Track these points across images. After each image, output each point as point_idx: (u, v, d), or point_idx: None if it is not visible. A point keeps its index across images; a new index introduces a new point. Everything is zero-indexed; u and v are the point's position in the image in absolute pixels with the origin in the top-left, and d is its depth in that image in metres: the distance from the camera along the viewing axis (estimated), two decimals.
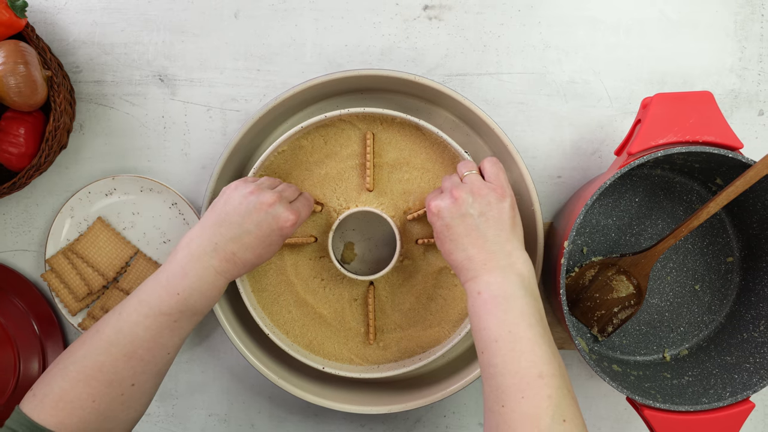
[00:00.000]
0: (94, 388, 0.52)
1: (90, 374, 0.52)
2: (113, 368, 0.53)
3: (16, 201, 0.75)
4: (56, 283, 0.73)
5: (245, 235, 0.57)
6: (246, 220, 0.57)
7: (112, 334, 0.54)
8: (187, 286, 0.55)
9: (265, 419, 0.75)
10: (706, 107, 0.59)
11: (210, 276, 0.56)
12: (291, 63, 0.74)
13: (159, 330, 0.55)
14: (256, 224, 0.57)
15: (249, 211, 0.57)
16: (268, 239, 0.58)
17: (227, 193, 0.59)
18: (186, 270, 0.56)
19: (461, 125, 0.71)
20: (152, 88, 0.74)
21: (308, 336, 0.70)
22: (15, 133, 0.67)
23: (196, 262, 0.56)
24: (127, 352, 0.54)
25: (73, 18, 0.74)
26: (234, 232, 0.57)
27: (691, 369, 0.67)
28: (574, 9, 0.74)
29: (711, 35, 0.74)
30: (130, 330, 0.54)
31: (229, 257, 0.57)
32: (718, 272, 0.70)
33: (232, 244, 0.57)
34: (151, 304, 0.55)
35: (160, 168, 0.75)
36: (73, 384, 0.52)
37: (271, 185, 0.61)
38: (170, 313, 0.55)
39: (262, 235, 0.57)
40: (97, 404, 0.52)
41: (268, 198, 0.58)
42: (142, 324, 0.54)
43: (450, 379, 0.69)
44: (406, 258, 0.69)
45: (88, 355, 0.53)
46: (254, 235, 0.57)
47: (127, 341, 0.54)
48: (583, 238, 0.71)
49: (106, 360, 0.53)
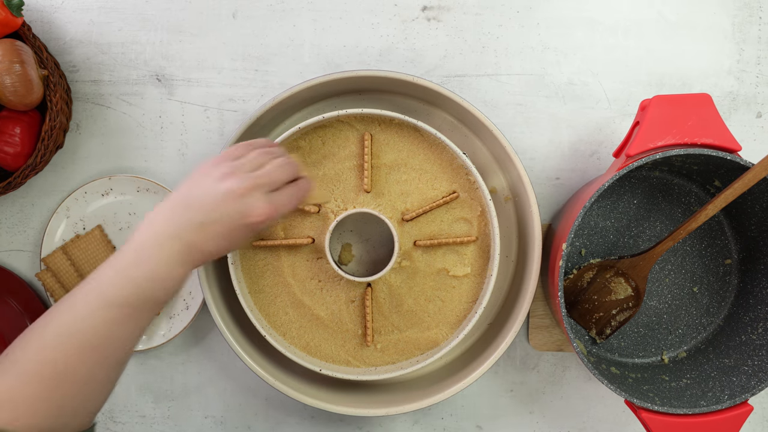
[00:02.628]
0: (46, 385, 0.47)
1: (41, 370, 0.47)
2: (66, 363, 0.48)
3: (11, 201, 0.75)
4: (51, 283, 0.72)
5: (211, 224, 0.51)
6: (214, 208, 0.51)
7: (64, 326, 0.49)
8: (146, 271, 0.50)
9: (261, 421, 0.75)
10: (705, 109, 0.59)
11: (172, 263, 0.50)
12: (289, 63, 0.74)
13: (114, 322, 0.49)
14: (225, 214, 0.51)
15: (218, 199, 0.51)
16: (234, 232, 0.52)
17: (202, 170, 0.53)
18: (143, 256, 0.50)
19: (459, 126, 0.70)
20: (149, 88, 0.74)
21: (305, 338, 0.70)
22: (11, 132, 0.66)
23: (156, 248, 0.50)
24: (81, 345, 0.48)
25: (69, 17, 0.74)
26: (199, 219, 0.51)
27: (689, 371, 0.67)
28: (573, 10, 0.74)
29: (709, 37, 0.74)
30: (83, 322, 0.49)
31: (192, 244, 0.51)
32: (717, 274, 0.70)
33: (195, 233, 0.51)
34: (106, 294, 0.49)
35: (157, 168, 0.74)
36: (25, 380, 0.47)
37: (254, 166, 0.54)
38: (125, 304, 0.49)
39: (228, 227, 0.51)
40: (51, 403, 0.48)
41: (241, 186, 0.51)
42: (96, 316, 0.49)
43: (447, 382, 0.68)
44: (404, 259, 0.69)
45: (39, 350, 0.48)
46: (219, 225, 0.51)
47: (80, 334, 0.48)
48: (582, 240, 0.70)
49: (58, 355, 0.48)
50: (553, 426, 0.75)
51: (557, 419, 0.74)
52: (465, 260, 0.69)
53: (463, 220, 0.69)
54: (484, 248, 0.68)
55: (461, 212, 0.69)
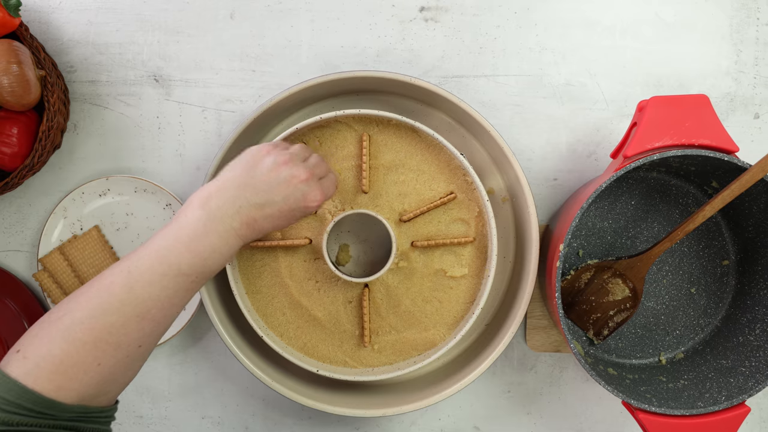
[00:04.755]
0: (102, 350, 0.48)
1: (99, 336, 0.48)
2: (124, 329, 0.49)
3: (8, 201, 0.75)
4: (48, 283, 0.72)
5: (269, 205, 0.55)
6: (274, 190, 0.55)
7: (123, 294, 0.50)
8: (208, 245, 0.53)
9: (259, 422, 0.75)
10: (702, 110, 0.59)
11: (231, 238, 0.54)
12: (287, 64, 0.74)
13: (176, 290, 0.52)
14: (284, 197, 0.55)
15: (279, 182, 0.55)
16: (290, 213, 0.56)
17: (258, 156, 0.56)
18: (208, 229, 0.53)
19: (457, 127, 0.70)
20: (147, 89, 0.74)
21: (303, 338, 0.70)
22: (8, 132, 0.66)
23: (218, 223, 0.53)
24: (140, 312, 0.50)
25: (67, 17, 0.74)
26: (259, 199, 0.55)
27: (686, 372, 0.67)
28: (571, 11, 0.74)
29: (707, 38, 0.74)
30: (144, 289, 0.50)
31: (250, 222, 0.55)
32: (714, 275, 0.70)
33: (255, 210, 0.55)
34: (171, 263, 0.51)
35: (154, 169, 0.74)
36: (79, 347, 0.48)
37: (304, 157, 0.59)
38: (189, 273, 0.52)
39: (287, 209, 0.56)
40: (102, 368, 0.49)
41: (302, 173, 0.56)
42: (159, 284, 0.51)
43: (445, 382, 0.68)
44: (402, 260, 0.69)
45: (96, 316, 0.49)
46: (278, 207, 0.55)
47: (140, 301, 0.50)
48: (579, 241, 0.70)
49: (116, 320, 0.49)
50: (550, 427, 0.75)
51: (554, 420, 0.74)
52: (462, 261, 0.69)
53: (460, 220, 0.69)
54: (482, 249, 0.68)
55: (459, 213, 0.69)
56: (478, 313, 0.66)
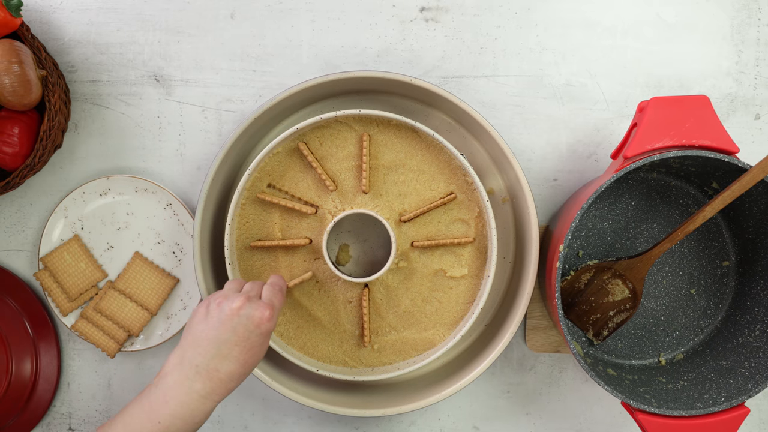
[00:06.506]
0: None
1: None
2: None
3: (9, 200, 0.75)
4: (49, 282, 0.73)
5: (223, 345, 0.54)
6: (220, 331, 0.55)
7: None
8: (169, 414, 0.53)
9: (258, 421, 0.75)
10: (703, 111, 0.59)
11: (194, 402, 0.54)
12: (287, 64, 0.74)
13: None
14: (232, 330, 0.55)
15: (221, 321, 0.55)
16: (248, 342, 0.55)
17: (197, 312, 0.58)
18: (168, 397, 0.54)
19: (457, 127, 0.70)
20: (148, 88, 0.74)
21: (302, 338, 0.70)
22: (9, 132, 0.66)
23: (178, 388, 0.54)
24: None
25: (68, 17, 0.74)
26: (212, 347, 0.55)
27: (686, 373, 0.66)
28: (571, 12, 0.74)
29: (708, 39, 0.74)
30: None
31: (213, 375, 0.54)
32: (714, 276, 0.70)
33: (213, 360, 0.54)
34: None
35: (155, 168, 0.74)
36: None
37: (236, 289, 0.59)
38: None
39: (241, 339, 0.55)
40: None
41: (236, 302, 0.55)
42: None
43: (445, 382, 0.68)
44: (402, 260, 0.69)
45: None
46: (233, 342, 0.55)
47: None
48: (579, 242, 0.70)
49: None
50: (549, 427, 0.75)
51: (554, 421, 0.74)
52: (462, 261, 0.69)
53: (460, 221, 0.69)
54: (482, 249, 0.69)
55: (459, 213, 0.69)
56: (477, 313, 0.66)
